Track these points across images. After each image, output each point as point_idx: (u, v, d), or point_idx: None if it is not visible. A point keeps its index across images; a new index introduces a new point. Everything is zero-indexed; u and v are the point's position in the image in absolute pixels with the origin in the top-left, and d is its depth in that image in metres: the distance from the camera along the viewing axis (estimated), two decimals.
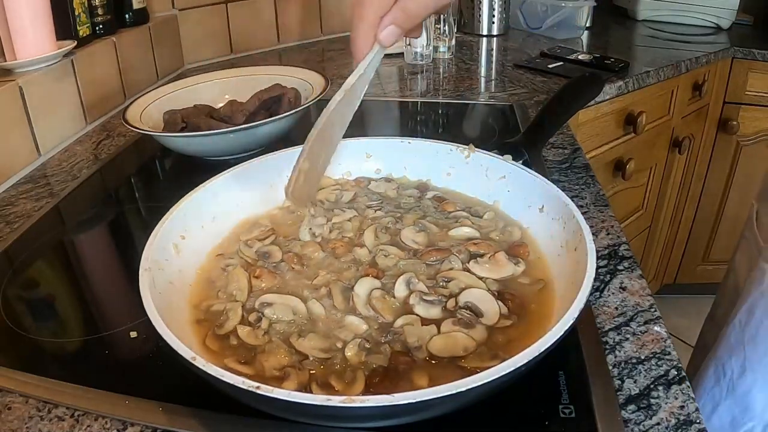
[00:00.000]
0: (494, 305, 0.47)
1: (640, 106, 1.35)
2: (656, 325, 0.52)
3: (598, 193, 0.75)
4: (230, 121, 0.87)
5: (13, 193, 0.84)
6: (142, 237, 0.51)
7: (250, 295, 0.51)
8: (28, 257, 0.68)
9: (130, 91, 1.15)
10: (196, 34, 1.37)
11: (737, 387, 0.68)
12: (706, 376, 0.71)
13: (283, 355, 0.44)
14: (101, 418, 0.45)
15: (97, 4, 1.07)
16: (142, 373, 0.50)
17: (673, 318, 1.66)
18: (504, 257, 0.53)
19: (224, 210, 0.61)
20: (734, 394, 0.68)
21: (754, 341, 0.67)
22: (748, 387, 0.67)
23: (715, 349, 0.72)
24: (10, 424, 0.45)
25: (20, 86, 0.87)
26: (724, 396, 0.69)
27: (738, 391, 0.68)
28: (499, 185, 0.62)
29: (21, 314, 0.59)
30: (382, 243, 0.56)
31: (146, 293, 0.44)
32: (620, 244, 0.64)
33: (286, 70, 1.01)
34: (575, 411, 0.43)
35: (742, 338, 0.67)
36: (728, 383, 0.69)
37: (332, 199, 0.64)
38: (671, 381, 0.46)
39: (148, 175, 0.93)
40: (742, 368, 0.67)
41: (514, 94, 1.14)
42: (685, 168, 1.69)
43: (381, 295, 0.49)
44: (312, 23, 1.57)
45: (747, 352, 0.67)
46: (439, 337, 0.45)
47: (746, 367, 0.67)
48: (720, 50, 1.50)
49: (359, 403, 0.34)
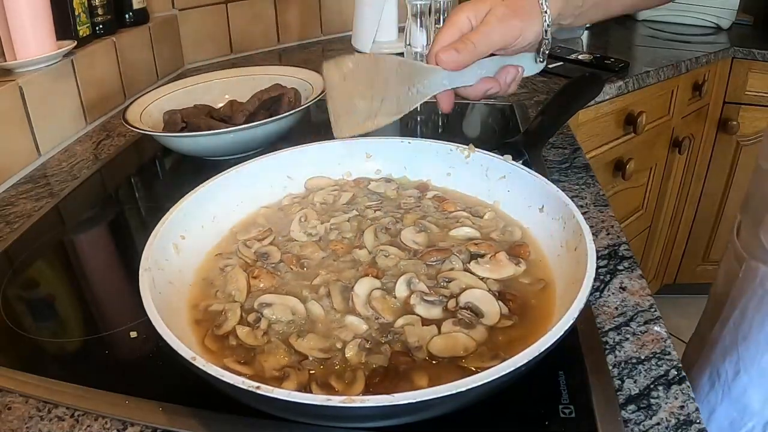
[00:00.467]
0: (495, 306, 0.47)
1: (640, 106, 1.35)
2: (656, 325, 0.52)
3: (598, 193, 0.75)
4: (230, 121, 0.87)
5: (13, 193, 0.84)
6: (142, 237, 0.51)
7: (249, 295, 0.51)
8: (28, 257, 0.68)
9: (130, 91, 1.15)
10: (196, 34, 1.37)
11: (733, 389, 0.68)
12: (701, 383, 0.71)
13: (282, 356, 0.44)
14: (101, 418, 0.45)
15: (97, 4, 1.07)
16: (142, 373, 0.50)
17: (673, 318, 1.66)
18: (505, 257, 0.53)
19: (224, 210, 0.61)
20: (730, 396, 0.68)
21: (746, 341, 0.67)
22: (744, 387, 0.67)
23: (707, 354, 0.71)
24: (10, 424, 0.45)
25: (20, 86, 0.87)
26: (719, 400, 0.69)
27: (734, 392, 0.68)
28: (499, 185, 0.62)
29: (21, 314, 0.59)
30: (382, 243, 0.56)
31: (146, 293, 0.44)
32: (620, 244, 0.64)
33: (286, 70, 1.01)
34: (575, 411, 0.43)
35: (736, 338, 0.67)
36: (723, 386, 0.69)
37: (330, 201, 0.64)
38: (671, 381, 0.46)
39: (148, 175, 0.93)
40: (736, 369, 0.67)
41: (514, 94, 1.14)
42: (685, 168, 1.69)
43: (381, 296, 0.49)
44: (312, 23, 1.57)
45: (740, 353, 0.67)
46: (439, 338, 0.45)
47: (740, 367, 0.67)
48: (720, 50, 1.50)
49: (359, 403, 0.34)
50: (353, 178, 0.68)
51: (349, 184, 0.67)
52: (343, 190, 0.65)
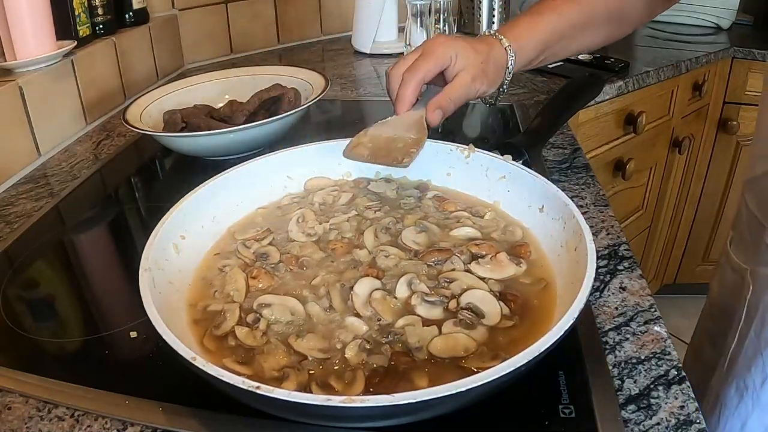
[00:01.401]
0: (496, 306, 0.47)
1: (640, 106, 1.35)
2: (656, 325, 0.52)
3: (598, 193, 0.75)
4: (230, 121, 0.87)
5: (13, 193, 0.84)
6: (142, 237, 0.51)
7: (248, 295, 0.51)
8: (28, 257, 0.68)
9: (130, 91, 1.15)
10: (196, 34, 1.37)
11: (762, 396, 0.67)
12: (728, 397, 0.70)
13: (281, 356, 0.44)
14: (101, 418, 0.45)
15: (97, 4, 1.07)
16: (142, 373, 0.50)
17: (673, 318, 1.66)
18: (505, 257, 0.53)
19: (224, 210, 0.61)
20: (760, 403, 0.67)
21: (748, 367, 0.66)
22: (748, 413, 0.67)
23: (730, 369, 0.70)
24: (10, 424, 0.45)
25: (20, 86, 0.87)
26: (750, 410, 0.68)
27: (763, 399, 0.67)
28: (499, 185, 0.62)
29: (21, 314, 0.59)
30: (382, 243, 0.56)
31: (146, 293, 0.44)
32: (620, 244, 0.64)
33: (286, 70, 1.01)
34: (575, 411, 0.43)
35: (759, 346, 0.66)
36: (752, 396, 0.67)
37: (330, 201, 0.64)
38: (671, 381, 0.46)
39: (148, 175, 0.93)
40: (763, 376, 0.66)
41: (514, 94, 1.14)
42: (685, 168, 1.69)
43: (382, 296, 0.49)
44: (312, 23, 1.57)
45: (765, 358, 0.66)
46: (439, 338, 0.45)
47: (743, 395, 0.67)
48: (720, 50, 1.50)
49: (359, 403, 0.34)
50: (353, 178, 0.68)
51: (349, 184, 0.67)
52: (342, 191, 0.65)
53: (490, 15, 1.60)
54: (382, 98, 1.14)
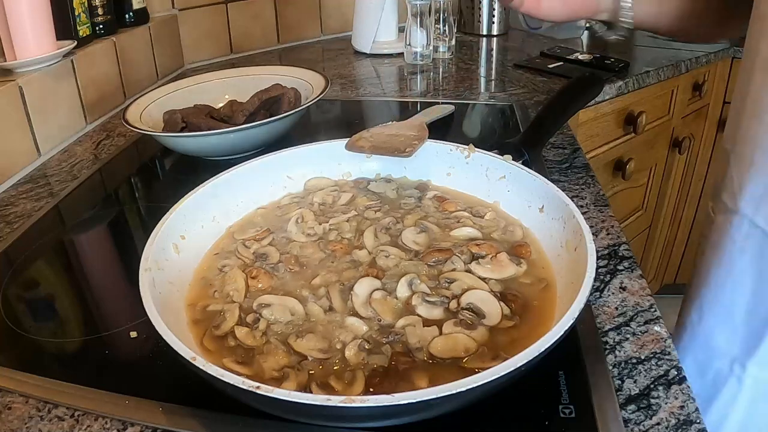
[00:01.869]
0: (496, 306, 0.47)
1: (640, 106, 1.35)
2: (656, 325, 0.52)
3: (598, 193, 0.75)
4: (230, 121, 0.87)
5: (13, 193, 0.84)
6: (142, 237, 0.51)
7: (248, 295, 0.51)
8: (28, 257, 0.68)
9: (130, 91, 1.15)
10: (196, 34, 1.37)
11: (698, 334, 0.66)
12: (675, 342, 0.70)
13: (281, 356, 0.44)
14: (101, 418, 0.45)
15: (97, 4, 1.07)
16: (142, 373, 0.49)
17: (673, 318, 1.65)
18: (506, 258, 0.53)
19: (224, 210, 0.61)
20: (696, 341, 0.67)
21: (707, 282, 0.65)
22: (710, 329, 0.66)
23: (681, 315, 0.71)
24: (10, 424, 0.45)
25: (20, 86, 0.87)
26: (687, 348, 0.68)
27: (699, 337, 0.66)
28: (499, 185, 0.62)
29: (21, 314, 0.59)
30: (382, 244, 0.56)
31: (146, 293, 0.44)
32: (620, 244, 0.64)
33: (286, 70, 1.01)
34: (575, 411, 0.43)
35: (699, 284, 0.66)
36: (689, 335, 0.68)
37: (329, 201, 0.64)
38: (671, 381, 0.46)
39: (148, 175, 0.93)
40: (699, 314, 0.66)
41: (514, 94, 1.14)
42: (685, 168, 1.69)
43: (382, 296, 0.49)
44: (312, 23, 1.57)
45: (702, 296, 0.66)
46: (440, 338, 0.45)
47: (703, 311, 0.66)
48: (720, 50, 1.50)
49: (359, 403, 0.34)
50: (353, 178, 0.68)
51: (349, 184, 0.67)
52: (342, 191, 0.65)
53: (490, 15, 1.60)
54: (382, 98, 1.15)
